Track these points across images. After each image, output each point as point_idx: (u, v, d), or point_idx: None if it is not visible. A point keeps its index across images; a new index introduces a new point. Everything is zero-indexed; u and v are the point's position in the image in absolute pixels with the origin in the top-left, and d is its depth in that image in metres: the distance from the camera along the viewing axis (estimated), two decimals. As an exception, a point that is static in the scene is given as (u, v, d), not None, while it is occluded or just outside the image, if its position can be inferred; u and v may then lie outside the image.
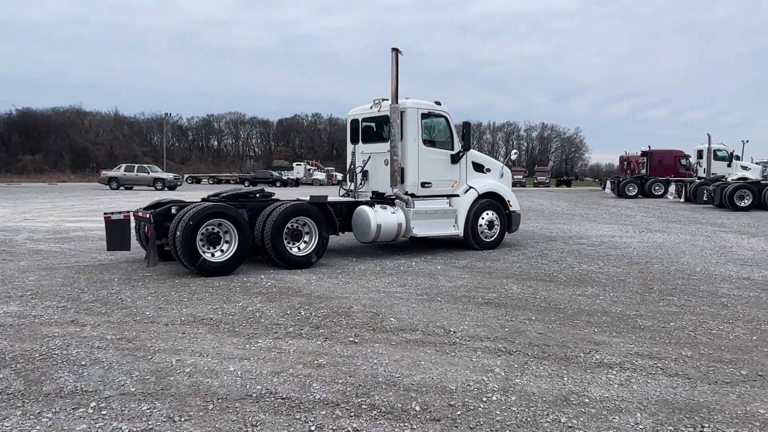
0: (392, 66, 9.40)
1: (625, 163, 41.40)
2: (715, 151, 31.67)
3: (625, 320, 5.61)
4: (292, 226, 8.41)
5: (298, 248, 8.42)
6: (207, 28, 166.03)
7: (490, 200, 10.64)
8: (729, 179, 26.67)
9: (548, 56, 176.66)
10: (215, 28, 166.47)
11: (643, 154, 36.50)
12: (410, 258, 9.33)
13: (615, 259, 9.56)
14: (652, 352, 4.66)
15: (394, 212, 9.49)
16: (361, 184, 10.39)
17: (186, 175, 62.29)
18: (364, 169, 10.32)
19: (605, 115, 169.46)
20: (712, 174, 29.39)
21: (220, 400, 3.62)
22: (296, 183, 57.47)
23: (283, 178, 56.40)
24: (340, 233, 9.43)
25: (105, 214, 8.41)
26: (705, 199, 24.08)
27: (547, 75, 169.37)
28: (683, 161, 35.44)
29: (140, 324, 5.25)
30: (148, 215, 7.69)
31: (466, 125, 10.39)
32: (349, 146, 10.79)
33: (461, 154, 10.36)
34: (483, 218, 10.50)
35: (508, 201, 10.92)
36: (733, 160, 32.55)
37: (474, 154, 10.74)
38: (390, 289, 6.93)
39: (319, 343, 4.78)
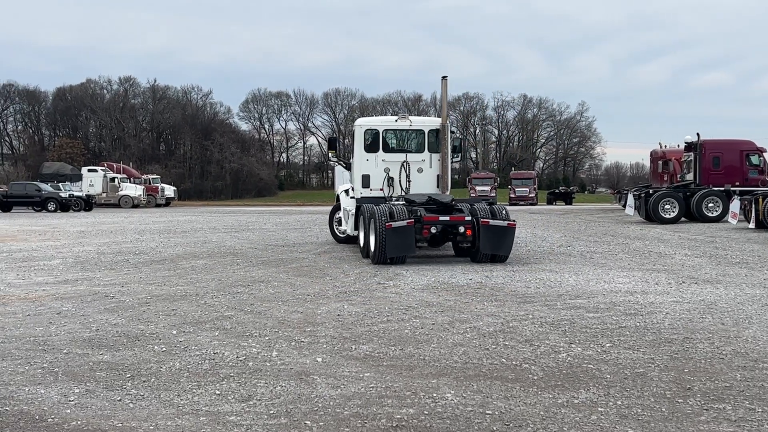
0: (443, 92, 21.12)
1: (660, 162, 43.29)
2: (802, 141, 33.49)
3: (639, 453, 5.54)
4: None
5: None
6: None
7: None
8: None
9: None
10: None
11: (689, 147, 38.01)
12: (271, 341, 9.02)
13: (632, 334, 9.70)
14: None
15: None
16: (390, 189, 20.34)
17: None
18: (391, 176, 20.31)
19: (630, 82, 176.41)
20: (800, 181, 31.01)
21: None
22: (87, 204, 56.14)
23: (62, 195, 54.87)
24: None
25: (386, 222, 16.82)
26: (788, 223, 25.29)
27: (530, 16, 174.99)
28: (754, 159, 37.13)
29: None
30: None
31: (462, 140, 23.82)
32: (362, 155, 20.50)
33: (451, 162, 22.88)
34: None
35: None
36: (836, 158, 34.53)
37: None
38: (221, 407, 6.71)
39: None
